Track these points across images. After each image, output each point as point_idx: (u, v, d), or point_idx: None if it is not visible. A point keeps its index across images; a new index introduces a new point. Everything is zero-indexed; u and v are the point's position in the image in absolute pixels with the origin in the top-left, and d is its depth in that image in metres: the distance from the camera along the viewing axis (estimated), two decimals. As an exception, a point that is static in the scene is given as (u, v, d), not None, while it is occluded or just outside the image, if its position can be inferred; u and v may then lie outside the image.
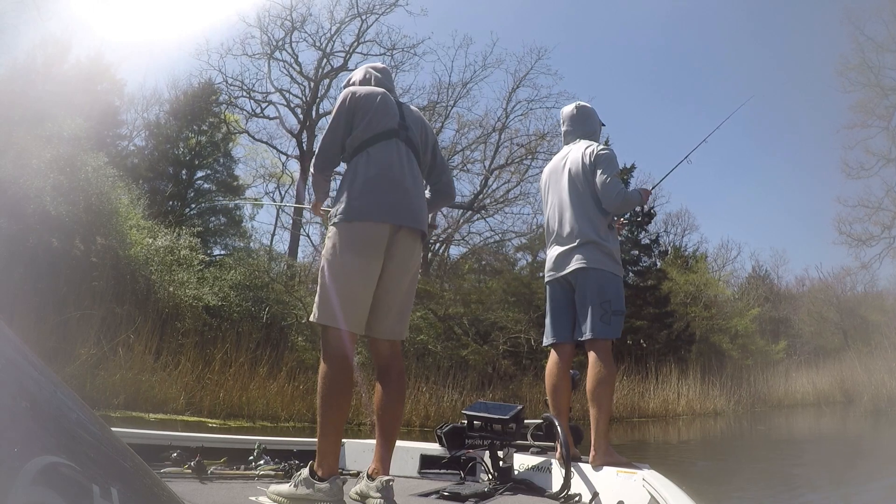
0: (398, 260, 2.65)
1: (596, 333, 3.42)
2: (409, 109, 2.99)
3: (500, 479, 3.19)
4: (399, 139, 2.79)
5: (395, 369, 2.73)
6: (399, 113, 2.88)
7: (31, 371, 0.75)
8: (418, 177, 2.82)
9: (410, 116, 2.94)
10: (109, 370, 9.74)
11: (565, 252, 3.62)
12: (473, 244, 23.71)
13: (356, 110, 2.79)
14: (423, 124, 2.99)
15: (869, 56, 23.87)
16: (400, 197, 2.67)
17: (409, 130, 2.85)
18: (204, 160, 21.26)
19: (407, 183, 2.71)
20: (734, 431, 16.46)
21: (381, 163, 2.70)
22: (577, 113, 3.97)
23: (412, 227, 2.68)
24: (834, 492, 6.51)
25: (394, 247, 2.64)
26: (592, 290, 3.49)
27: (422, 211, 2.75)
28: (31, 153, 10.93)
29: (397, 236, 2.65)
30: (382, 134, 2.76)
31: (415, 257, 2.74)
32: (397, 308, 2.71)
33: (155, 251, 13.10)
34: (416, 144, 2.87)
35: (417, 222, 2.70)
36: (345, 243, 2.60)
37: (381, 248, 2.61)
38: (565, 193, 3.71)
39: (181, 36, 21.18)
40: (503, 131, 22.11)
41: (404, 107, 2.97)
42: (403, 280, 2.71)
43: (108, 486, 0.74)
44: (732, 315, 29.38)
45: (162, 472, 2.82)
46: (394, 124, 2.81)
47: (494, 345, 19.60)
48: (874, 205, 24.67)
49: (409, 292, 2.77)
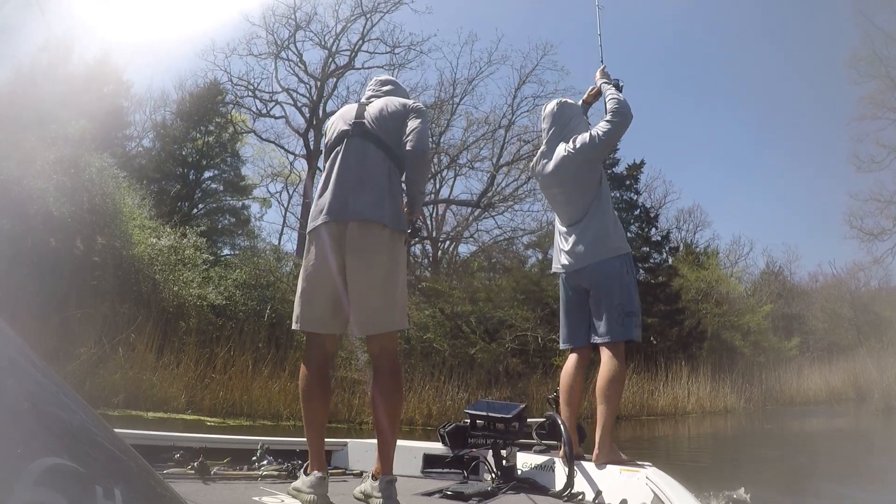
0: (356, 254, 2.62)
1: (612, 336, 3.41)
2: (378, 102, 2.92)
3: (503, 478, 3.18)
4: (351, 138, 2.80)
5: (386, 366, 2.68)
6: (356, 113, 2.87)
7: (33, 372, 0.76)
8: (373, 166, 2.74)
9: (372, 108, 2.88)
10: (110, 369, 9.81)
11: (569, 245, 3.60)
12: (483, 242, 23.66)
13: (324, 136, 2.99)
14: (388, 106, 2.88)
15: (879, 47, 23.57)
16: (339, 194, 2.68)
17: (363, 125, 2.81)
18: (211, 160, 21.38)
19: (350, 180, 2.71)
20: (743, 429, 16.33)
21: (327, 172, 2.78)
22: (558, 110, 3.91)
23: (360, 220, 2.64)
24: (834, 491, 6.42)
25: (347, 243, 2.63)
26: (602, 292, 3.48)
27: (365, 201, 2.66)
28: (36, 155, 11.01)
29: (346, 231, 2.64)
30: (333, 143, 2.84)
31: (375, 248, 2.65)
32: (371, 302, 2.65)
33: (159, 251, 13.15)
34: (376, 133, 2.80)
35: (362, 213, 2.64)
36: (304, 251, 2.80)
37: (330, 248, 2.65)
38: (558, 187, 3.70)
39: (187, 36, 21.25)
40: (510, 128, 22.01)
41: (372, 102, 2.93)
42: (368, 273, 2.64)
43: (112, 486, 0.75)
44: (745, 312, 29.15)
45: (165, 472, 2.81)
46: (344, 128, 2.84)
47: (502, 343, 19.54)
48: (886, 198, 24.32)
49: (383, 285, 2.67)
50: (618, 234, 3.58)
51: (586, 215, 3.57)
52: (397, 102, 2.90)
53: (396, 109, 2.85)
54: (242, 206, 22.63)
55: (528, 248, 24.95)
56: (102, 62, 18.47)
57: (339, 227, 2.64)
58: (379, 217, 2.64)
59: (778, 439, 13.09)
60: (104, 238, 11.81)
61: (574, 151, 3.57)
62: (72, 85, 15.70)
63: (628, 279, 3.50)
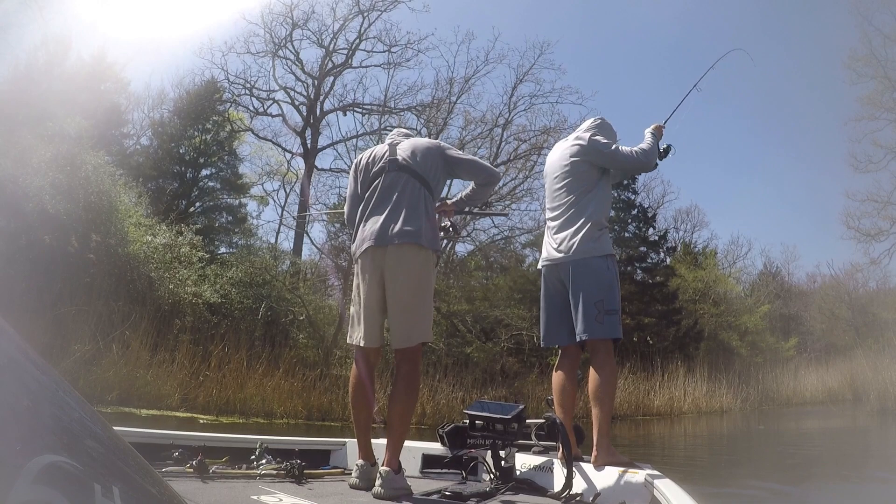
0: (390, 273, 3.00)
1: (591, 334, 3.39)
2: (406, 142, 3.30)
3: (501, 479, 3.17)
4: (388, 172, 3.16)
5: (401, 372, 3.04)
6: (389, 152, 3.23)
7: (32, 370, 0.75)
8: (410, 194, 3.09)
9: (403, 146, 3.25)
10: (103, 366, 9.81)
11: (554, 238, 3.60)
12: (480, 241, 23.64)
13: (356, 175, 3.31)
14: (417, 145, 3.25)
15: (877, 48, 23.56)
16: (379, 221, 3.04)
17: (398, 161, 3.18)
18: (209, 158, 21.38)
19: (388, 208, 3.05)
20: (736, 430, 16.34)
21: (366, 202, 3.17)
22: (597, 125, 3.88)
23: (398, 243, 2.98)
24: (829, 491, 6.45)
25: (386, 265, 3.01)
26: (583, 289, 3.44)
27: (403, 226, 2.99)
28: (32, 152, 11.02)
29: (385, 255, 3.00)
30: (371, 178, 3.21)
31: (405, 266, 3.00)
32: (405, 318, 3.03)
33: (154, 249, 13.15)
34: (412, 166, 3.15)
35: (400, 237, 2.98)
36: (354, 275, 3.23)
37: (371, 272, 3.04)
38: (556, 180, 3.69)
39: (185, 34, 21.28)
40: (507, 127, 21.98)
41: (400, 143, 3.30)
42: (404, 292, 3.01)
43: (110, 484, 0.74)
44: (742, 312, 29.16)
45: (164, 471, 2.80)
46: (381, 165, 3.21)
47: (498, 342, 19.55)
48: (883, 199, 24.28)
49: (414, 301, 3.03)
50: (604, 237, 3.56)
51: (574, 210, 3.55)
52: (425, 141, 3.33)
53: (428, 146, 3.27)
54: (239, 205, 22.67)
55: (526, 247, 24.93)
56: (99, 59, 18.50)
57: (380, 251, 3.00)
58: (415, 239, 2.99)
59: (769, 440, 13.12)
60: (99, 235, 11.81)
61: (584, 143, 3.61)
62: (70, 83, 15.73)
63: (609, 276, 3.48)
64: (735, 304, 29.69)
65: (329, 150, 22.40)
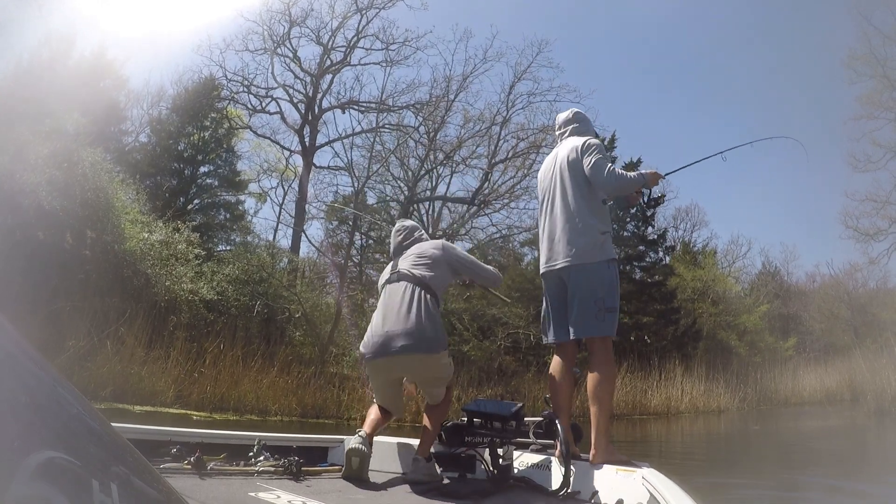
0: (402, 375, 3.47)
1: (588, 332, 3.40)
2: (412, 248, 3.58)
3: (499, 477, 3.18)
4: (390, 284, 3.42)
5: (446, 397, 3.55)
6: (393, 265, 3.52)
7: (30, 366, 0.75)
8: (408, 304, 3.28)
9: (407, 255, 3.53)
10: (98, 362, 9.81)
11: (556, 244, 3.60)
12: (478, 240, 23.60)
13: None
14: (418, 251, 3.53)
15: (876, 47, 23.50)
16: (383, 332, 3.26)
17: (399, 271, 3.43)
18: (207, 156, 21.39)
19: (392, 316, 3.27)
20: (732, 429, 16.34)
21: (377, 310, 3.43)
22: (573, 117, 3.96)
23: (402, 354, 3.20)
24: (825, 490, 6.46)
25: (394, 368, 3.34)
26: (584, 287, 3.45)
27: (410, 335, 3.20)
28: (29, 149, 11.03)
29: (392, 363, 3.26)
30: (381, 289, 3.50)
31: (420, 370, 3.37)
32: (427, 390, 3.49)
33: (151, 245, 13.14)
34: (414, 275, 3.38)
35: (405, 349, 3.19)
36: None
37: (381, 372, 3.39)
38: (556, 186, 3.69)
39: (183, 31, 21.19)
40: (505, 125, 21.94)
41: (406, 250, 3.59)
42: (418, 380, 3.54)
43: (108, 480, 0.75)
44: (741, 312, 29.13)
45: (161, 467, 2.80)
46: (386, 276, 3.50)
47: (495, 340, 19.51)
48: (882, 198, 24.23)
49: (426, 382, 3.46)
50: (606, 241, 3.56)
51: (577, 216, 3.56)
52: (428, 246, 3.59)
53: (433, 252, 3.51)
54: (237, 202, 22.67)
55: (524, 245, 24.91)
56: (99, 56, 18.49)
57: (385, 359, 3.24)
58: (415, 349, 3.20)
59: (762, 439, 13.12)
60: (95, 232, 11.81)
61: (588, 168, 3.57)
62: (68, 80, 15.71)
63: (610, 276, 3.49)
64: (734, 304, 29.66)
65: (327, 147, 22.43)
